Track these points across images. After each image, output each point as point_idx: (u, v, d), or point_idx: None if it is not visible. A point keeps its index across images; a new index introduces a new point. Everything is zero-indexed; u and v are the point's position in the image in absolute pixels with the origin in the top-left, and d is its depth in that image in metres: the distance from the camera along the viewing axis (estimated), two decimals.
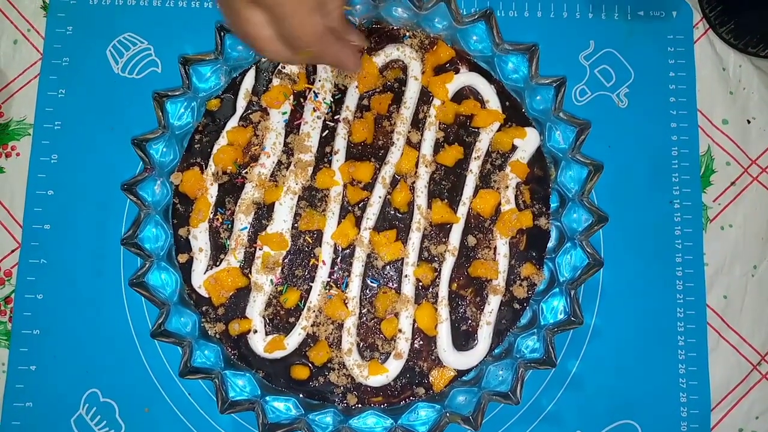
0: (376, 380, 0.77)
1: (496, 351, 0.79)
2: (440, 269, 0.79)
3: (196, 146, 0.82)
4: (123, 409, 0.83)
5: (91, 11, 0.90)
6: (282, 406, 0.77)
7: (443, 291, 0.78)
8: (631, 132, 0.88)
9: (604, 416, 0.83)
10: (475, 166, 0.81)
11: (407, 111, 0.81)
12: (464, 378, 0.79)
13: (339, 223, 0.80)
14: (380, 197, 0.80)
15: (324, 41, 0.62)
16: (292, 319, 0.79)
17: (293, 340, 0.78)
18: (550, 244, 0.81)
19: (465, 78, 0.82)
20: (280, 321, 0.79)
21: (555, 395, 0.83)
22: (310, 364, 0.78)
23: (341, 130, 0.81)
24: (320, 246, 0.79)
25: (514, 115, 0.82)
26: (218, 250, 0.80)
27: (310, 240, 0.80)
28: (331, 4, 0.62)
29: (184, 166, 0.81)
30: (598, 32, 0.90)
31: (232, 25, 0.61)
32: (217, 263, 0.80)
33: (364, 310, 0.79)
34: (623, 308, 0.85)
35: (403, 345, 0.77)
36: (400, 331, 0.77)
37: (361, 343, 0.79)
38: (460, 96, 0.83)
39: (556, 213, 0.81)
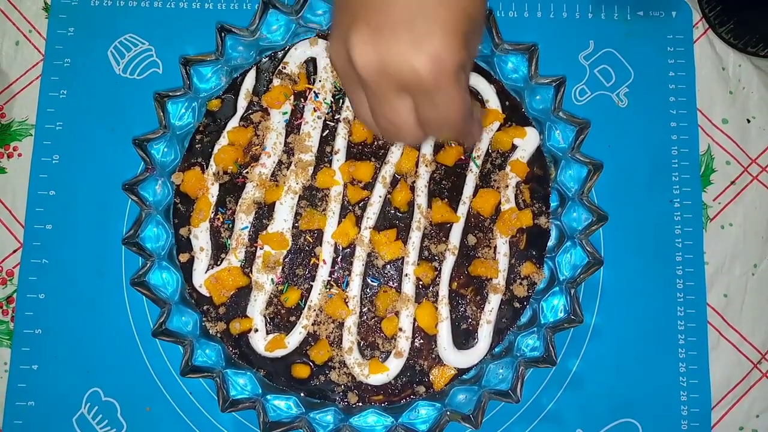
0: (377, 379, 0.77)
1: (496, 349, 0.79)
2: (440, 268, 0.79)
3: (197, 146, 0.82)
4: (124, 408, 0.83)
5: (92, 12, 0.90)
6: (283, 405, 0.78)
7: (443, 290, 0.79)
8: (631, 131, 0.88)
9: (605, 415, 0.83)
10: (475, 165, 0.81)
11: None
12: (464, 376, 0.79)
13: (339, 222, 0.80)
14: (380, 197, 0.80)
15: (468, 119, 0.57)
16: (292, 318, 0.79)
17: (294, 338, 0.78)
18: (550, 243, 0.81)
19: None
20: (281, 320, 0.79)
21: (555, 394, 0.83)
22: (310, 363, 0.78)
23: (342, 130, 0.81)
24: (321, 245, 0.80)
25: (514, 115, 0.82)
26: (219, 249, 0.80)
27: (310, 239, 0.80)
28: (464, 74, 0.55)
29: (185, 166, 0.81)
30: (598, 32, 0.90)
31: (377, 113, 0.54)
32: (218, 262, 0.80)
33: (365, 309, 0.79)
34: (623, 307, 0.85)
35: (403, 344, 0.78)
36: (400, 329, 0.78)
37: (362, 342, 0.79)
38: None
39: (555, 212, 0.82)
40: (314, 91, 0.82)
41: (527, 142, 0.81)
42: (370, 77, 0.50)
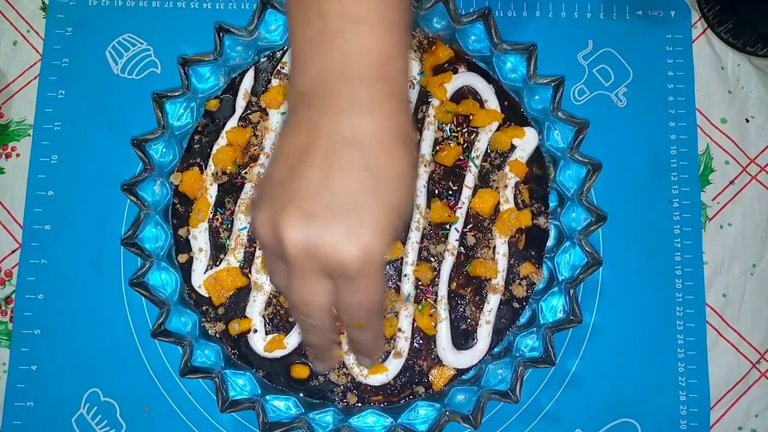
0: (376, 379, 0.77)
1: (495, 350, 0.79)
2: (439, 268, 0.79)
3: (195, 146, 0.82)
4: (124, 408, 0.83)
5: (90, 12, 0.90)
6: (282, 405, 0.78)
7: (443, 290, 0.79)
8: (630, 131, 0.88)
9: (604, 415, 0.83)
10: (473, 165, 0.81)
11: None
12: (464, 377, 0.79)
13: None
14: None
15: (381, 313, 0.57)
16: (292, 319, 0.79)
17: (293, 339, 0.78)
18: (549, 243, 0.81)
19: (463, 78, 0.83)
20: (280, 320, 0.79)
21: (554, 394, 0.83)
22: (310, 364, 0.78)
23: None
24: None
25: (513, 115, 0.82)
26: (218, 249, 0.80)
27: None
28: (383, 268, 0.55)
29: (183, 166, 0.81)
30: (597, 32, 0.90)
31: (292, 289, 0.53)
32: (217, 263, 0.80)
33: None
34: (622, 307, 0.85)
35: (402, 344, 0.78)
36: (399, 330, 0.78)
37: None
38: (459, 96, 0.83)
39: (555, 212, 0.82)
40: None
41: (526, 142, 0.81)
42: (295, 258, 0.50)
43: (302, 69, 0.53)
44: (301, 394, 0.78)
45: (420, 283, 0.79)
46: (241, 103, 0.82)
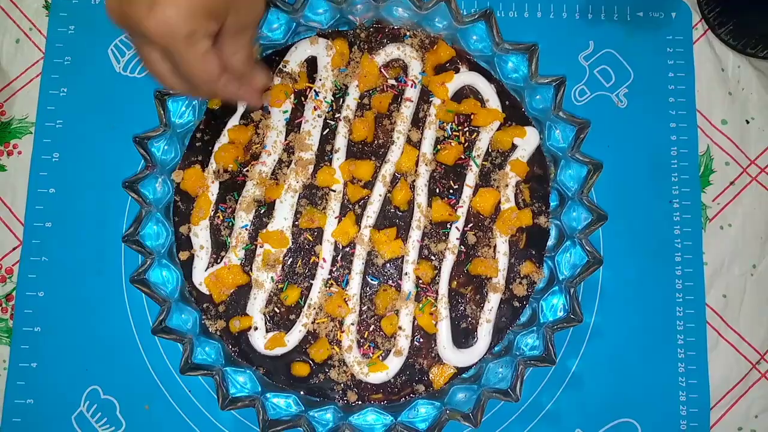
0: (377, 377, 0.77)
1: (495, 348, 0.79)
2: (440, 267, 0.79)
3: (197, 144, 0.82)
4: (124, 406, 0.83)
5: (92, 10, 0.90)
6: (282, 403, 0.77)
7: (443, 289, 0.79)
8: (631, 132, 0.88)
9: (604, 414, 0.83)
10: (474, 164, 0.81)
11: (407, 110, 0.82)
12: (464, 375, 0.79)
13: (339, 221, 0.80)
14: (380, 195, 0.80)
15: (219, 83, 0.63)
16: (292, 317, 0.79)
17: (294, 337, 0.78)
18: (549, 243, 0.81)
19: (465, 77, 0.83)
20: (280, 318, 0.79)
21: (555, 393, 0.83)
22: (310, 361, 0.78)
23: (342, 129, 0.81)
24: (321, 244, 0.80)
25: (514, 114, 0.83)
26: (219, 247, 0.80)
27: (310, 238, 0.80)
28: (232, 47, 0.63)
29: (185, 164, 0.82)
30: (598, 33, 0.90)
31: (139, 57, 0.62)
32: (218, 261, 0.80)
33: (365, 308, 0.79)
34: (623, 307, 0.85)
35: (403, 342, 0.78)
36: (400, 328, 0.78)
37: (362, 340, 0.79)
38: (461, 95, 0.83)
39: (555, 211, 0.82)
40: (315, 90, 0.82)
41: (527, 141, 0.81)
42: (118, 25, 0.57)
43: None
44: (302, 392, 0.78)
45: (421, 281, 0.79)
46: None
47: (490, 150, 0.82)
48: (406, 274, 0.79)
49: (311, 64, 0.84)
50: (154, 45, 0.58)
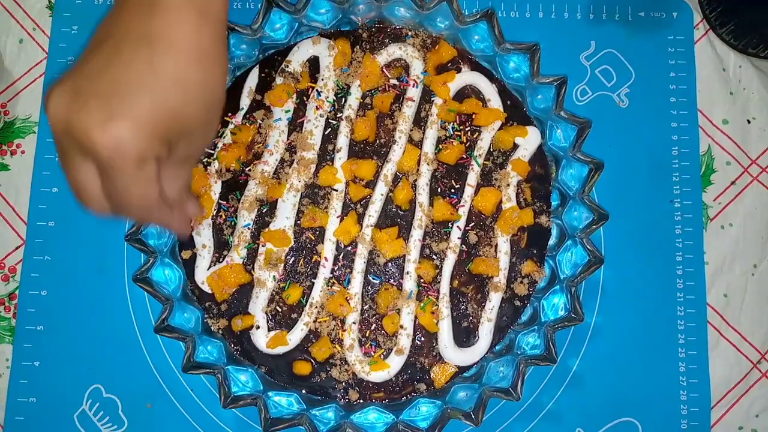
0: (378, 376, 0.77)
1: (497, 347, 0.80)
2: (441, 266, 0.80)
3: None
4: (126, 405, 0.83)
5: (96, 11, 0.91)
6: (284, 401, 0.78)
7: (445, 288, 0.79)
8: (632, 131, 0.88)
9: (605, 414, 0.83)
10: (476, 164, 0.81)
11: (409, 109, 0.82)
12: (465, 374, 0.79)
13: (341, 220, 0.80)
14: (382, 195, 0.81)
15: (153, 210, 0.56)
16: (294, 315, 0.79)
17: (295, 336, 0.78)
18: (550, 242, 0.81)
19: (467, 77, 0.83)
20: (282, 317, 0.79)
21: (556, 393, 0.83)
22: (312, 360, 0.79)
23: (344, 128, 0.82)
24: (322, 243, 0.80)
25: (516, 114, 0.83)
26: (221, 246, 0.81)
27: (312, 237, 0.80)
28: (174, 174, 0.57)
29: None
30: (599, 33, 0.90)
31: (62, 166, 0.55)
32: (221, 260, 0.80)
33: (366, 307, 0.79)
34: (624, 306, 0.85)
35: (404, 341, 0.78)
36: (401, 327, 0.78)
37: (363, 339, 0.79)
38: (462, 95, 0.83)
39: (556, 211, 0.82)
40: (317, 90, 0.82)
41: (528, 141, 0.82)
42: (57, 134, 0.51)
43: None
44: (303, 391, 0.79)
45: (422, 280, 0.79)
46: (245, 101, 0.83)
47: (491, 149, 0.82)
48: (407, 273, 0.79)
49: (313, 63, 0.84)
50: (89, 160, 0.51)
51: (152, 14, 0.51)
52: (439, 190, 0.81)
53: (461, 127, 0.82)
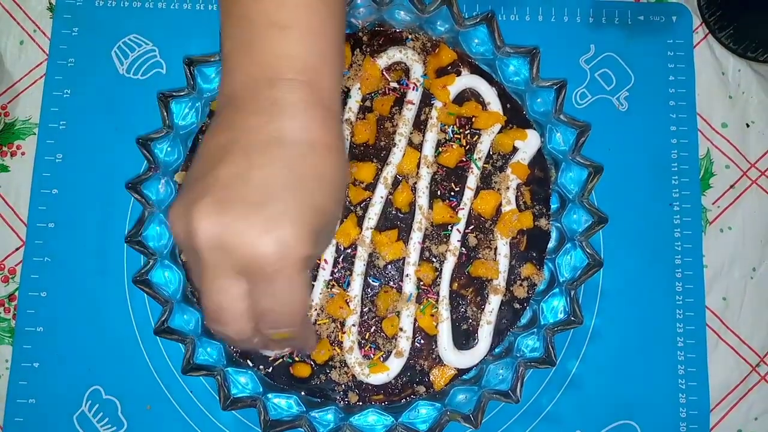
0: (377, 378, 0.77)
1: (496, 350, 0.80)
2: (441, 269, 0.80)
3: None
4: (125, 406, 0.83)
5: (96, 13, 0.91)
6: (284, 403, 0.78)
7: (444, 290, 0.79)
8: (631, 135, 0.89)
9: (604, 416, 0.84)
10: (476, 167, 0.81)
11: (409, 112, 0.82)
12: (465, 377, 0.79)
13: (341, 222, 0.80)
14: (382, 197, 0.81)
15: (303, 320, 0.53)
16: None
17: None
18: (550, 245, 0.82)
19: (466, 80, 0.83)
20: None
21: (555, 395, 0.84)
22: (311, 362, 0.79)
23: (344, 131, 0.82)
24: None
25: (515, 117, 0.83)
26: None
27: None
28: (307, 275, 0.52)
29: (188, 165, 0.82)
30: (599, 36, 0.91)
31: (204, 291, 0.50)
32: None
33: (366, 309, 0.80)
34: (623, 309, 0.85)
35: (404, 344, 0.78)
36: (401, 329, 0.78)
37: (363, 342, 0.79)
38: (462, 98, 0.83)
39: (556, 214, 0.82)
40: None
41: (528, 144, 0.82)
42: (207, 252, 0.47)
43: (230, 73, 0.53)
44: (303, 393, 0.79)
45: (422, 283, 0.79)
46: None
47: (491, 152, 0.82)
48: (407, 275, 0.79)
49: None
50: (241, 276, 0.48)
51: (275, 114, 0.50)
52: (438, 192, 0.82)
53: (461, 130, 0.82)
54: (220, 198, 0.47)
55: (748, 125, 0.90)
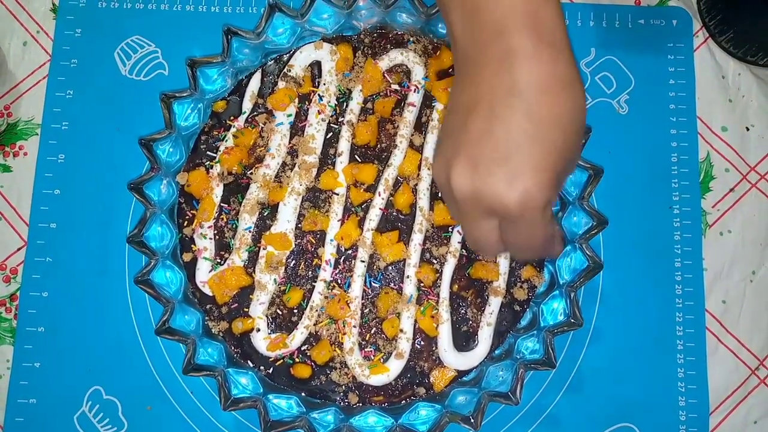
0: (377, 379, 0.78)
1: (496, 352, 0.80)
2: (441, 270, 0.80)
3: (202, 147, 0.83)
4: (126, 406, 0.83)
5: (99, 14, 0.91)
6: (284, 404, 0.78)
7: (444, 292, 0.79)
8: (631, 138, 0.89)
9: (603, 419, 0.84)
10: None
11: (410, 114, 0.82)
12: (464, 378, 0.79)
13: (342, 223, 0.80)
14: (383, 199, 0.81)
15: (549, 244, 0.61)
16: (294, 318, 0.80)
17: (296, 339, 0.78)
18: None
19: None
20: (282, 320, 0.80)
21: (554, 397, 0.84)
22: (312, 363, 0.79)
23: (345, 133, 0.82)
24: (323, 246, 0.80)
25: None
26: (223, 249, 0.81)
27: (313, 240, 0.81)
28: (551, 207, 0.59)
29: (190, 166, 0.82)
30: (599, 40, 0.91)
31: (464, 229, 0.62)
32: (222, 262, 0.81)
33: (366, 310, 0.80)
34: (623, 312, 0.85)
35: (404, 345, 0.78)
36: (401, 331, 0.78)
37: (363, 343, 0.79)
38: None
39: (556, 216, 0.82)
40: (318, 94, 0.83)
41: None
42: (463, 201, 0.56)
43: (461, 30, 0.57)
44: (303, 394, 0.79)
45: (422, 284, 0.79)
46: (247, 105, 0.83)
47: None
48: (407, 277, 0.79)
49: (316, 68, 0.84)
50: (493, 218, 0.57)
51: (509, 64, 0.53)
52: (439, 194, 0.82)
53: None
54: (470, 155, 0.54)
55: (747, 129, 0.90)
